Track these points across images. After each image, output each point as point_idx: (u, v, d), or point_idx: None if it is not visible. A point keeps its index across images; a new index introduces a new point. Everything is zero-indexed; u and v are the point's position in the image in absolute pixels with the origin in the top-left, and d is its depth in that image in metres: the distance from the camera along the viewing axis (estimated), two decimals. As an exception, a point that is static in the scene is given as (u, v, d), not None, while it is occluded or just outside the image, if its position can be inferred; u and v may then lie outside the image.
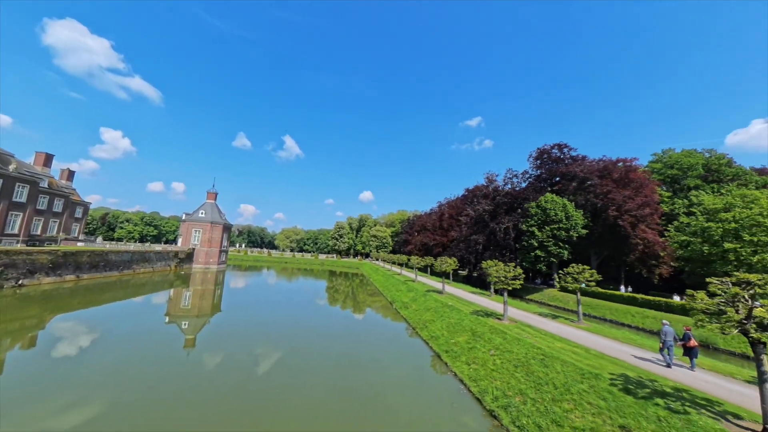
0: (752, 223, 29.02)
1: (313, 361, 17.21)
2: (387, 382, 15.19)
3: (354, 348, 20.43)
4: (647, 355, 15.20)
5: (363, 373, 15.99)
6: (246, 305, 33.18)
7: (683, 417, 8.84)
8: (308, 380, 14.64)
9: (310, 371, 15.78)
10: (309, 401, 12.64)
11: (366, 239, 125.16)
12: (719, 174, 47.31)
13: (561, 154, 54.43)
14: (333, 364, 17.07)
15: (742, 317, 8.18)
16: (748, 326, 8.01)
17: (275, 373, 15.30)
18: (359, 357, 18.66)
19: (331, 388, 14.02)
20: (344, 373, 15.88)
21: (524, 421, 11.02)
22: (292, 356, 17.79)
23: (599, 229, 44.35)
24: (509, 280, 20.49)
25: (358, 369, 16.57)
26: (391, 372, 16.61)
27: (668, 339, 13.76)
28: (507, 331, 18.30)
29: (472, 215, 59.63)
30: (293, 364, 16.58)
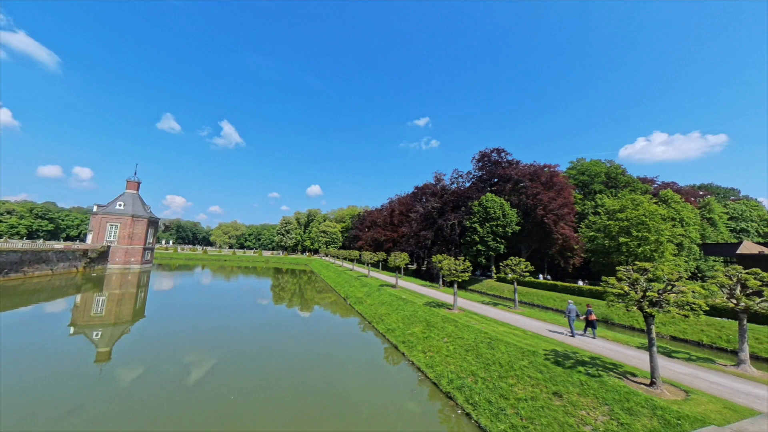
0: (638, 222, 36.27)
1: (268, 364, 16.47)
2: (347, 376, 15.35)
3: (310, 346, 20.05)
4: (563, 330, 18.13)
5: (322, 371, 15.86)
6: (178, 309, 29.72)
7: (598, 380, 10.89)
8: (264, 384, 14.00)
9: (265, 374, 15.08)
10: (267, 406, 12.15)
11: (315, 235, 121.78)
12: (616, 181, 57.71)
13: (499, 158, 60.17)
14: (289, 364, 16.57)
15: (639, 297, 10.39)
16: (643, 303, 10.22)
17: (225, 380, 14.26)
18: (316, 355, 18.41)
19: (290, 389, 13.65)
20: (302, 372, 15.56)
21: (476, 399, 12.29)
22: (244, 361, 16.73)
23: (529, 225, 50.45)
24: (459, 272, 22.25)
25: (316, 367, 16.37)
26: (351, 367, 16.82)
27: (571, 315, 16.89)
28: (457, 319, 19.92)
29: (421, 212, 62.46)
30: (247, 369, 15.63)
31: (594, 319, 16.84)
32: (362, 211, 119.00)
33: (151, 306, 30.53)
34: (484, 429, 10.88)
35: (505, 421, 10.78)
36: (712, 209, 54.56)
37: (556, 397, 10.84)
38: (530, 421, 10.36)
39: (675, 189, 55.20)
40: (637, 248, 35.65)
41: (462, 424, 11.42)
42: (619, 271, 11.39)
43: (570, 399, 10.49)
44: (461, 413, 12.01)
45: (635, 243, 35.97)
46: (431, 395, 13.56)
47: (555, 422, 9.92)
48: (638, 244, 35.97)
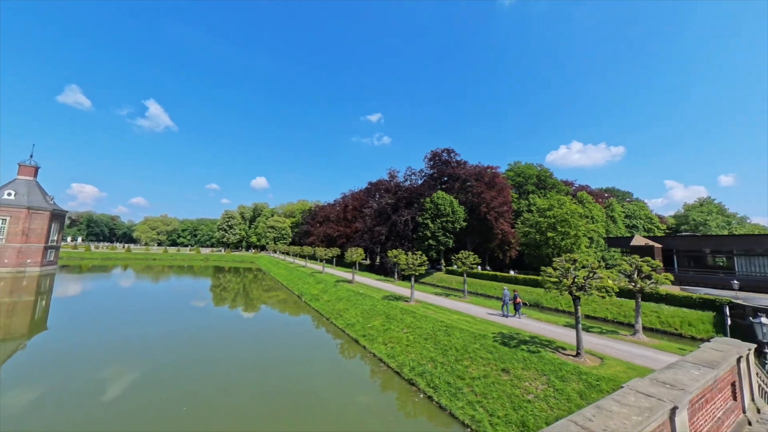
0: (562, 219, 42.18)
1: (228, 369, 15.45)
2: (311, 374, 15.24)
3: (268, 348, 19.29)
4: (519, 317, 20.53)
5: (283, 371, 15.48)
6: (94, 317, 25.07)
7: (537, 355, 12.71)
8: (226, 389, 13.17)
9: (226, 379, 14.16)
10: (230, 411, 11.51)
11: (262, 230, 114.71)
12: (545, 183, 65.87)
13: (449, 158, 63.90)
14: (248, 367, 15.80)
15: (569, 283, 12.38)
16: (573, 288, 12.22)
17: (164, 391, 13.04)
18: (276, 356, 17.84)
19: (252, 391, 13.09)
20: (263, 374, 15.00)
21: (437, 382, 13.33)
22: (194, 367, 15.41)
23: (474, 221, 54.82)
24: (416, 266, 23.42)
25: (277, 368, 15.91)
26: (314, 364, 16.68)
27: (505, 299, 19.95)
28: (415, 310, 21.04)
29: (375, 208, 63.34)
30: (197, 376, 14.45)
31: (519, 302, 20.04)
32: (313, 205, 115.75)
33: (55, 316, 25.80)
34: (444, 408, 11.91)
35: (463, 399, 11.96)
36: (613, 209, 65.95)
37: (504, 373, 12.36)
38: (483, 396, 11.67)
39: (588, 191, 65.28)
40: (561, 242, 41.51)
41: (424, 406, 12.32)
42: (555, 262, 13.36)
43: (516, 374, 12.08)
44: (423, 397, 12.92)
45: (560, 237, 41.82)
46: (395, 383, 14.26)
47: (504, 395, 11.35)
48: (562, 238, 41.89)
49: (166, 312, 28.10)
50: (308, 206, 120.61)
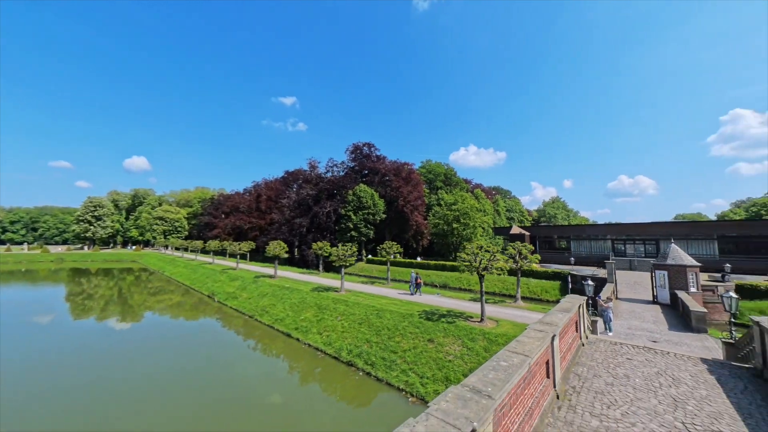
0: (464, 212, 49.83)
1: (147, 390, 13.34)
2: (245, 374, 14.72)
3: (186, 357, 17.31)
4: (421, 295, 23.86)
5: (215, 378, 14.45)
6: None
7: (453, 324, 15.66)
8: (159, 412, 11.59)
9: (151, 404, 12.34)
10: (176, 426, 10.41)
11: (146, 222, 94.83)
12: (451, 180, 75.63)
13: (369, 152, 66.27)
14: (173, 381, 14.05)
15: (477, 265, 15.64)
16: (479, 268, 15.50)
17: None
18: (198, 364, 16.27)
19: (191, 404, 11.94)
20: (191, 385, 13.67)
21: (373, 359, 14.90)
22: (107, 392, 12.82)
23: (392, 214, 58.96)
24: (347, 257, 24.45)
25: (204, 376, 14.67)
26: (247, 364, 16.05)
27: (412, 281, 23.78)
28: (347, 299, 22.14)
29: (295, 199, 60.90)
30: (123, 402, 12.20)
31: (420, 282, 24.28)
32: (217, 194, 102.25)
33: None
34: (381, 380, 13.57)
35: (397, 369, 13.86)
36: (498, 204, 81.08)
37: (430, 343, 14.83)
38: (414, 364, 13.83)
39: (482, 189, 78.27)
40: (463, 231, 49.11)
41: (364, 381, 13.72)
42: (467, 249, 16.51)
43: (439, 341, 14.67)
44: (363, 374, 14.30)
45: (462, 228, 49.38)
46: (335, 367, 15.19)
47: (431, 360, 13.74)
48: (463, 228, 49.55)
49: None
50: (209, 194, 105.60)
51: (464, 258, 15.93)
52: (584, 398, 6.22)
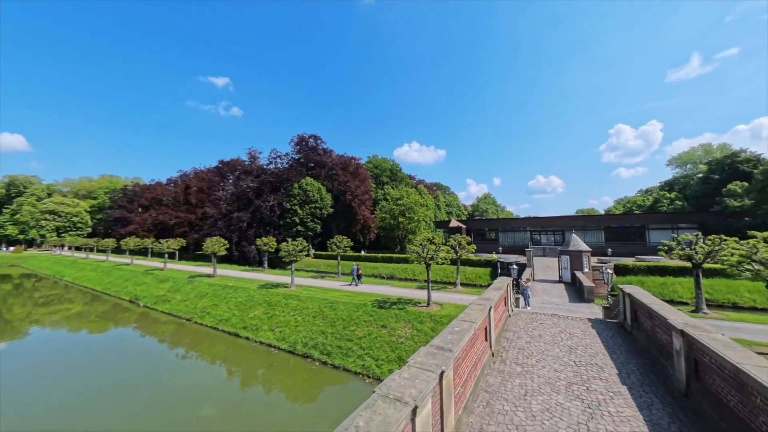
0: (409, 207, 52.64)
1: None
2: (197, 383, 13.92)
3: (114, 373, 15.40)
4: (375, 286, 25.12)
5: (159, 390, 13.33)
6: None
7: (404, 310, 17.13)
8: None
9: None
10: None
11: (30, 217, 76.90)
12: (396, 176, 78.48)
13: (315, 144, 64.72)
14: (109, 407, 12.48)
15: (425, 255, 17.32)
16: (427, 259, 17.21)
17: None
18: (135, 379, 14.72)
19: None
20: (134, 406, 12.39)
21: (329, 349, 15.50)
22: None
23: (340, 208, 58.95)
24: (297, 252, 24.19)
25: (144, 390, 13.41)
26: (194, 370, 15.10)
27: (353, 273, 25.10)
28: (299, 294, 22.06)
29: (233, 191, 56.41)
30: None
31: (360, 273, 25.75)
32: (130, 183, 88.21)
33: None
34: (338, 367, 14.29)
35: (353, 355, 14.73)
36: (439, 199, 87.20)
37: (383, 329, 16.02)
38: (370, 349, 14.87)
39: (424, 185, 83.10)
40: (408, 225, 51.92)
41: (321, 370, 14.27)
42: (415, 241, 18.07)
43: (391, 326, 15.95)
44: (319, 364, 14.81)
45: (407, 222, 52.14)
46: (290, 360, 15.35)
47: (385, 344, 14.93)
48: (408, 222, 52.38)
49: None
50: (120, 184, 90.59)
51: (414, 249, 17.46)
52: (511, 354, 8.01)
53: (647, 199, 69.50)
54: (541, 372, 7.01)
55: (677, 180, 68.35)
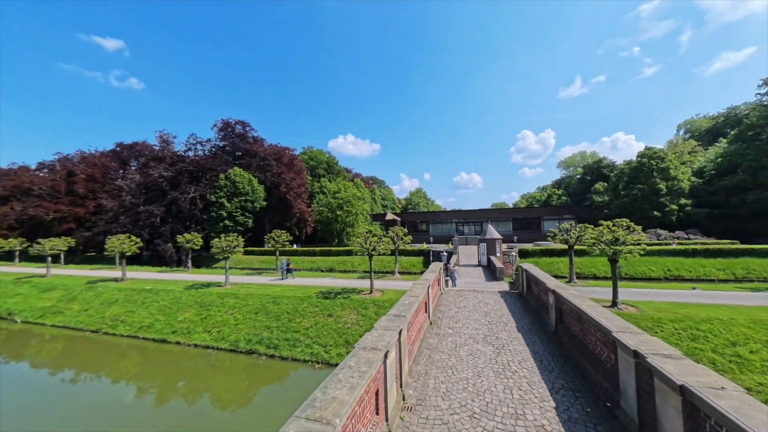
0: (347, 200, 53.38)
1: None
2: (115, 398, 12.54)
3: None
4: (316, 280, 25.57)
5: (68, 411, 11.64)
6: None
7: (348, 299, 18.23)
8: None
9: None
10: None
11: None
12: (333, 168, 77.89)
13: (244, 131, 59.83)
14: None
15: (368, 247, 18.67)
16: (370, 250, 18.59)
17: None
18: (28, 405, 12.45)
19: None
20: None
21: (276, 342, 15.70)
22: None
23: (273, 201, 56.12)
24: (233, 248, 22.89)
25: (46, 415, 11.56)
26: (120, 385, 13.44)
27: (283, 266, 25.22)
28: (236, 292, 21.09)
29: (140, 181, 48.47)
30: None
31: (291, 267, 25.80)
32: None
33: None
34: (287, 358, 14.69)
35: (301, 345, 15.28)
36: (375, 193, 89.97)
37: (329, 317, 16.87)
38: (317, 337, 15.61)
39: (361, 178, 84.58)
40: (346, 219, 52.71)
41: (270, 363, 14.47)
42: (358, 235, 19.25)
43: (337, 314, 16.92)
44: (266, 358, 14.93)
45: (345, 215, 52.86)
46: (233, 359, 15.03)
47: (332, 331, 15.85)
48: (346, 215, 53.17)
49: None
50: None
51: (358, 242, 18.63)
52: (444, 321, 9.98)
53: (543, 195, 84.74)
54: (466, 331, 9.08)
55: (563, 180, 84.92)
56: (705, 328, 12.21)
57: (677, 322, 12.67)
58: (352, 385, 3.23)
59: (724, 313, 13.15)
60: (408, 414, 4.88)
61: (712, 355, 11.12)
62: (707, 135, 63.74)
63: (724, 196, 41.65)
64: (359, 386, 3.29)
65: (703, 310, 13.65)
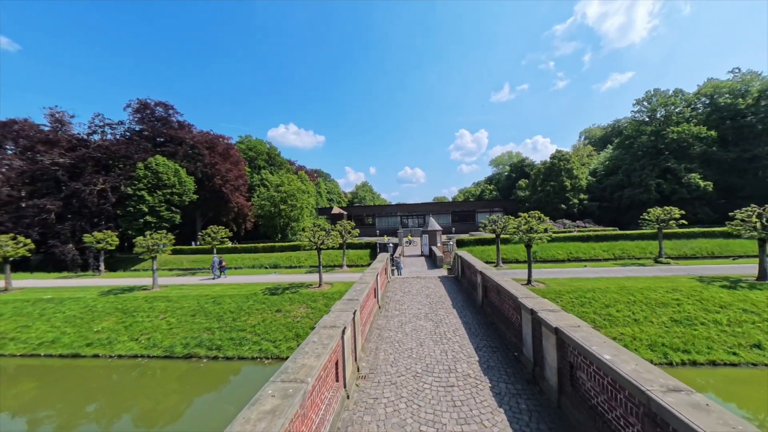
0: (291, 194, 51.44)
1: None
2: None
3: None
4: (261, 277, 24.68)
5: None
6: None
7: (297, 293, 18.19)
8: None
9: None
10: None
11: None
12: (275, 160, 73.72)
13: (167, 115, 52.89)
14: None
15: (316, 240, 18.79)
16: (318, 244, 18.75)
17: None
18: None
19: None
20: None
21: (219, 343, 15.02)
22: None
23: (206, 194, 51.11)
24: (161, 247, 20.64)
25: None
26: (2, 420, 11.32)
27: (214, 265, 23.95)
28: (167, 295, 19.21)
29: (24, 169, 39.54)
30: None
31: (224, 265, 24.51)
32: None
33: None
34: (232, 357, 14.23)
35: (248, 343, 14.91)
36: (321, 186, 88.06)
37: (278, 313, 16.69)
38: (266, 333, 15.39)
39: (305, 171, 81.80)
40: (290, 213, 50.88)
41: (213, 365, 13.85)
42: (306, 229, 19.21)
43: (286, 309, 16.82)
44: (208, 360, 14.22)
45: (289, 209, 50.96)
46: (170, 365, 13.96)
47: (281, 326, 15.77)
48: (291, 209, 51.32)
49: None
50: None
51: (306, 236, 18.62)
52: (391, 305, 11.00)
53: (477, 190, 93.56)
54: (410, 311, 10.25)
55: (494, 176, 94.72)
56: (590, 296, 15.63)
57: (572, 293, 15.94)
58: (318, 354, 3.79)
59: (603, 284, 16.95)
60: (362, 381, 5.62)
61: (593, 316, 14.38)
62: (600, 141, 77.85)
63: (610, 192, 51.80)
64: (323, 355, 3.87)
65: (590, 282, 17.36)
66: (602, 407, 3.47)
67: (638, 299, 15.04)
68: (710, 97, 50.35)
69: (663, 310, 14.21)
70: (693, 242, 31.01)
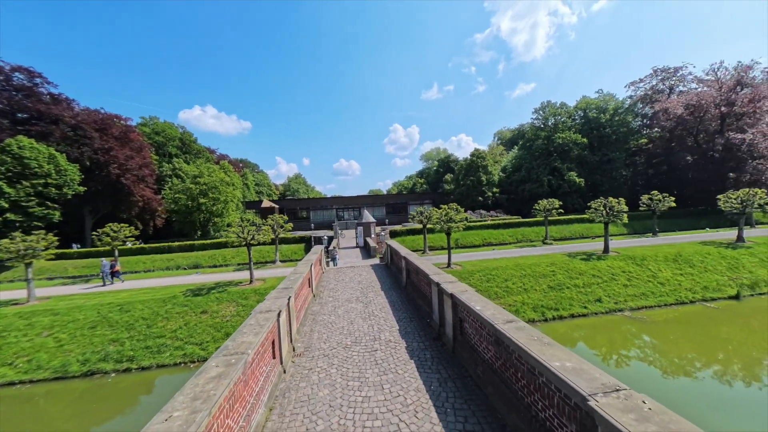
0: (212, 186, 46.51)
1: None
2: None
3: None
4: (177, 278, 22.45)
5: None
6: None
7: (225, 292, 17.25)
8: None
9: None
10: None
11: None
12: (190, 148, 64.98)
13: (32, 84, 41.99)
14: None
15: (246, 236, 18.00)
16: (248, 240, 18.00)
17: None
18: None
19: None
20: None
21: (131, 353, 13.53)
22: None
23: (99, 186, 42.61)
24: (38, 251, 16.96)
25: None
26: None
27: (104, 270, 20.88)
28: (53, 308, 16.07)
29: None
30: None
31: (117, 270, 21.50)
32: None
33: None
34: (149, 367, 13.03)
35: (168, 350, 13.79)
36: (248, 178, 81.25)
37: (203, 314, 15.67)
38: (190, 337, 14.40)
39: (229, 161, 74.26)
40: (213, 207, 46.11)
41: (124, 378, 12.50)
42: (234, 225, 18.22)
43: (213, 310, 15.89)
44: (116, 374, 12.73)
45: (210, 203, 46.11)
46: (62, 387, 12.03)
47: (208, 327, 14.92)
48: (213, 203, 46.50)
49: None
50: None
51: (234, 231, 17.67)
52: (325, 293, 11.65)
53: (409, 183, 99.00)
54: (343, 296, 11.12)
55: (424, 170, 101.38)
56: (494, 273, 18.88)
57: (481, 272, 18.99)
58: (256, 333, 4.28)
59: (503, 263, 20.58)
60: (298, 359, 6.22)
61: (495, 289, 17.52)
62: (509, 142, 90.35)
63: (515, 186, 61.07)
64: (261, 334, 4.38)
65: (495, 262, 20.85)
66: (474, 341, 4.92)
67: (527, 273, 18.84)
68: (584, 111, 63.48)
69: (543, 280, 18.18)
70: (570, 227, 39.33)
